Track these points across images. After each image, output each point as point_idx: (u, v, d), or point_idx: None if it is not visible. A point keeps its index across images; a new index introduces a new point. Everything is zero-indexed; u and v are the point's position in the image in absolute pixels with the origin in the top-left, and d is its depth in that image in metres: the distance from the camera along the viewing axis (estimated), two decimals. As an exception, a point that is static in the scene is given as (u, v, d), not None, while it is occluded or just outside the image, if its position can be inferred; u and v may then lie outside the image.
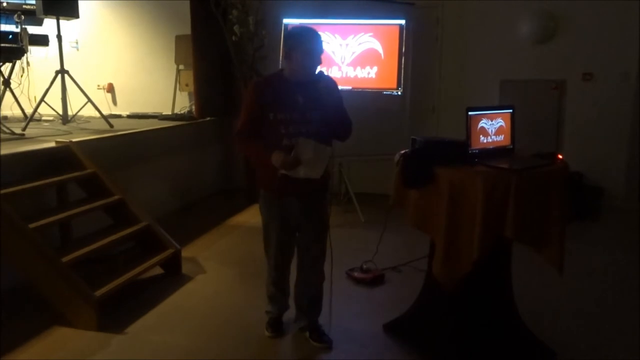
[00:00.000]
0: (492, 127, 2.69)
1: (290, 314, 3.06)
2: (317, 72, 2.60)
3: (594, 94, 5.61)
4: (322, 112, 2.59)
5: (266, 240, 2.86)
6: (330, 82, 2.61)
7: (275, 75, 2.69)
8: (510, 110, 2.79)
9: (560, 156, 2.67)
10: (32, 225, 3.13)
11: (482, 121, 2.66)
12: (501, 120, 2.73)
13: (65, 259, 3.12)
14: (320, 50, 2.56)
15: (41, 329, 3.03)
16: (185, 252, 4.12)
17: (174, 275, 3.84)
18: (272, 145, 2.54)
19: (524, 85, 5.70)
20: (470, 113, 2.62)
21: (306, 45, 2.51)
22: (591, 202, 5.30)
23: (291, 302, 3.03)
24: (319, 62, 2.56)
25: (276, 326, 3.01)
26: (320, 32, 2.59)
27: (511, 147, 2.80)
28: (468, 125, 2.61)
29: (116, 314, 3.20)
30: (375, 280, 3.72)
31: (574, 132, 5.71)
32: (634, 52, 5.45)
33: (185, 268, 3.94)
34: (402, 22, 5.38)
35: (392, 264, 3.97)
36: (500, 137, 2.75)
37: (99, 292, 3.10)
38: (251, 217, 5.33)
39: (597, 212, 5.32)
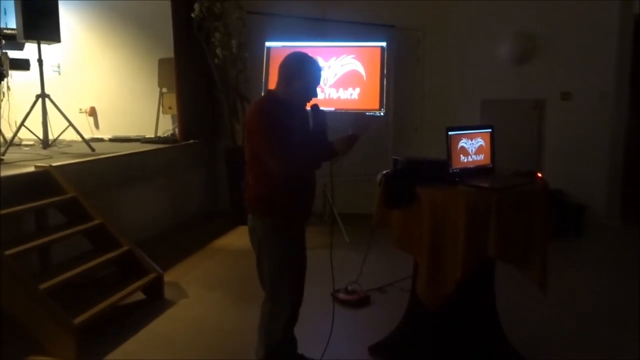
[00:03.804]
0: (472, 147, 2.72)
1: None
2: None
3: (573, 113, 5.71)
4: (316, 137, 2.55)
5: (280, 282, 2.49)
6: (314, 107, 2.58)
7: (271, 99, 2.48)
8: (489, 130, 2.82)
9: (539, 174, 2.69)
10: (9, 252, 3.06)
11: (462, 141, 2.68)
12: (481, 140, 2.76)
13: (43, 286, 3.05)
14: (319, 82, 2.50)
15: (17, 359, 2.94)
16: (168, 276, 4.06)
17: (156, 301, 3.77)
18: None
19: (504, 105, 5.78)
20: (450, 133, 2.64)
21: (311, 75, 2.43)
22: (573, 220, 5.35)
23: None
24: (316, 94, 2.49)
25: None
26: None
27: (491, 166, 2.82)
28: (448, 145, 2.63)
29: (96, 341, 3.12)
30: (360, 301, 3.70)
31: (554, 150, 5.79)
32: (611, 72, 5.58)
33: (168, 293, 3.88)
34: (384, 44, 5.45)
35: (377, 285, 3.94)
36: (481, 157, 2.77)
37: (78, 320, 3.02)
38: (235, 239, 5.29)
39: (579, 229, 5.36)
